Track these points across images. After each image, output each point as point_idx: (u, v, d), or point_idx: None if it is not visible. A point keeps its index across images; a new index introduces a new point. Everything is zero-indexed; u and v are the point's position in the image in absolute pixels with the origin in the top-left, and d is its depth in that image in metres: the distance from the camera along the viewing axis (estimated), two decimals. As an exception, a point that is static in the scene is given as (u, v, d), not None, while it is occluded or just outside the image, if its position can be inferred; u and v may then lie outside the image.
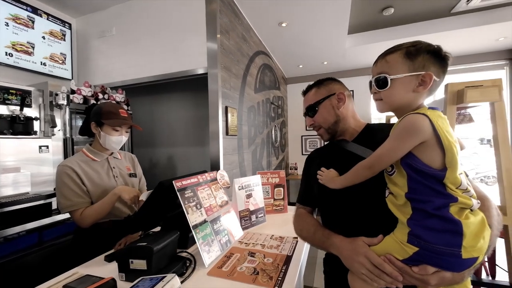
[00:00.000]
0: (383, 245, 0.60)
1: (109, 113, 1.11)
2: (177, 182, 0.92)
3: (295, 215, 0.92)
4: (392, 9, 2.76)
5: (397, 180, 0.58)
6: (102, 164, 1.16)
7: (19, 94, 1.57)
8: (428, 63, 0.56)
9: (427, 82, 0.56)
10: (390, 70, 0.59)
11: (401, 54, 0.58)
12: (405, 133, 0.55)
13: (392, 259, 0.56)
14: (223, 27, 2.06)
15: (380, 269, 0.57)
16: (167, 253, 0.84)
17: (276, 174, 1.56)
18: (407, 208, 0.56)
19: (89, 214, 1.04)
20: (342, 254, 0.66)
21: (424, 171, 0.53)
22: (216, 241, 0.97)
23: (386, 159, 0.58)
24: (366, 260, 0.59)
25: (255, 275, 0.80)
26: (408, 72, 0.57)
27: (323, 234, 0.74)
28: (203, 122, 2.90)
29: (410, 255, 0.54)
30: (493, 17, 2.80)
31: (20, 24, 2.10)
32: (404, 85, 0.58)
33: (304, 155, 4.87)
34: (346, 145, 0.80)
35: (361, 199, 0.70)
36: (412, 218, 0.54)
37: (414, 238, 0.53)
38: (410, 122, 0.54)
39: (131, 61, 2.34)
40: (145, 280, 0.68)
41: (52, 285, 0.79)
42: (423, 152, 0.54)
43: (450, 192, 0.52)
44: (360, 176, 0.64)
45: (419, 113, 0.54)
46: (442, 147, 0.52)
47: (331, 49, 3.46)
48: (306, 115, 0.88)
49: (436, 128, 0.52)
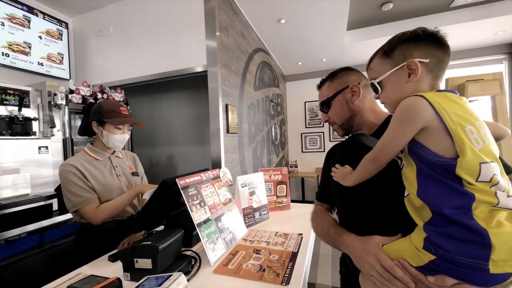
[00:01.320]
0: (396, 248, 0.55)
1: (111, 112, 1.10)
2: (181, 180, 0.91)
3: (313, 212, 0.90)
4: (391, 4, 2.74)
5: (407, 174, 0.53)
6: (105, 163, 1.15)
7: (17, 94, 1.55)
8: (408, 52, 0.54)
9: (414, 69, 0.53)
10: (376, 75, 0.60)
11: (379, 56, 0.60)
12: (401, 118, 0.51)
13: (405, 264, 0.51)
14: (222, 24, 2.04)
15: (390, 273, 0.53)
16: (172, 252, 0.84)
17: (279, 171, 1.55)
18: (426, 210, 0.49)
19: (105, 209, 1.02)
20: (352, 253, 0.63)
21: (433, 162, 0.47)
22: (221, 239, 0.96)
23: (388, 150, 0.54)
24: (376, 262, 0.55)
25: (261, 272, 0.79)
26: (390, 69, 0.56)
27: (335, 231, 0.72)
28: (203, 121, 2.89)
29: (426, 263, 0.48)
30: (492, 11, 2.80)
31: (16, 23, 2.08)
32: (394, 82, 0.57)
33: (304, 152, 4.87)
34: (364, 139, 0.75)
35: (376, 197, 0.66)
36: (430, 223, 0.48)
37: (431, 245, 0.47)
38: (404, 106, 0.50)
39: (129, 60, 2.32)
40: (151, 279, 0.67)
41: (56, 286, 0.78)
42: (429, 140, 0.48)
43: (468, 188, 0.44)
44: (366, 171, 0.60)
45: (416, 95, 0.50)
46: (449, 132, 0.46)
47: (330, 45, 3.45)
48: (321, 110, 0.85)
49: (437, 110, 0.46)
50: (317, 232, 0.83)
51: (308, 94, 4.77)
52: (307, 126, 4.83)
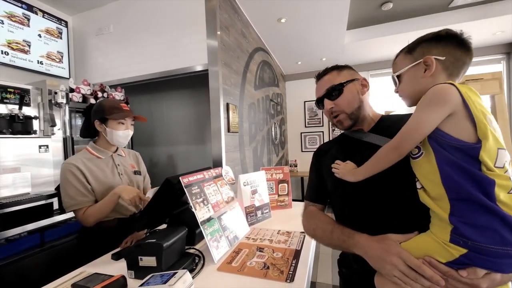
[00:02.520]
0: (419, 245, 0.53)
1: (112, 108, 1.10)
2: (184, 178, 0.91)
3: (305, 213, 0.85)
4: (391, 4, 2.75)
5: (425, 164, 0.53)
6: (107, 161, 1.15)
7: (17, 93, 1.54)
8: (427, 49, 0.58)
9: (430, 65, 0.57)
10: (397, 69, 0.64)
11: (403, 52, 0.64)
12: (432, 102, 0.51)
13: (433, 262, 0.50)
14: (223, 23, 2.04)
15: (417, 272, 0.50)
16: (176, 250, 0.84)
17: (280, 170, 1.56)
18: (444, 201, 0.49)
19: (91, 213, 1.03)
20: (369, 254, 0.59)
21: (456, 146, 0.48)
22: (224, 237, 0.96)
23: (415, 135, 0.53)
24: (400, 261, 0.52)
25: (265, 270, 0.79)
26: (410, 64, 0.60)
27: (342, 232, 0.67)
28: (203, 120, 2.89)
29: (457, 257, 0.47)
30: (491, 11, 2.81)
31: (16, 22, 2.06)
32: (410, 76, 0.61)
33: (303, 152, 4.87)
34: (363, 135, 0.76)
35: (383, 192, 0.65)
36: (454, 214, 0.48)
37: (459, 237, 0.47)
38: (437, 91, 0.51)
39: (130, 59, 2.31)
40: (156, 277, 0.67)
41: (59, 285, 0.77)
42: (452, 125, 0.49)
43: (487, 173, 0.46)
44: (386, 160, 0.58)
45: (446, 82, 0.52)
46: (473, 119, 0.47)
47: (330, 45, 3.46)
48: (325, 97, 0.78)
49: (464, 98, 0.48)
50: (315, 234, 0.78)
51: (307, 93, 4.77)
52: (307, 125, 4.84)
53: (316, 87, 0.83)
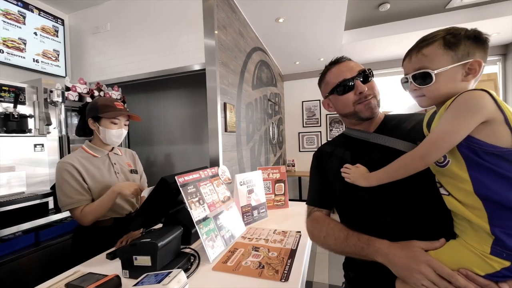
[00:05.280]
0: (452, 255, 0.50)
1: (105, 106, 1.09)
2: (180, 178, 0.91)
3: (311, 219, 0.79)
4: (388, 5, 2.77)
5: (454, 172, 0.50)
6: (103, 160, 1.14)
7: (12, 91, 1.53)
8: (472, 50, 0.51)
9: (476, 70, 0.51)
10: (431, 64, 0.54)
11: (439, 45, 0.53)
12: (466, 110, 0.48)
13: (470, 274, 0.47)
14: (221, 22, 2.04)
15: (448, 281, 0.48)
16: (171, 249, 0.84)
17: (277, 170, 1.56)
18: (480, 209, 0.46)
19: (89, 212, 1.02)
20: (393, 262, 0.55)
21: (493, 152, 0.46)
22: (220, 236, 0.96)
23: (445, 144, 0.49)
24: (430, 270, 0.49)
25: (260, 269, 0.80)
26: (453, 63, 0.52)
27: (359, 239, 0.62)
28: (201, 119, 2.88)
29: (498, 270, 0.44)
30: (487, 13, 2.84)
31: (11, 19, 2.04)
32: (449, 77, 0.53)
33: (301, 152, 4.88)
34: (370, 136, 0.71)
35: (401, 197, 0.61)
36: (495, 224, 0.45)
37: (502, 250, 0.44)
38: (470, 98, 0.48)
39: (127, 58, 2.30)
40: (150, 276, 0.67)
41: (53, 284, 0.77)
42: (485, 132, 0.47)
43: None
44: (410, 168, 0.55)
45: (477, 89, 0.49)
46: (508, 124, 0.46)
47: (328, 45, 3.47)
48: (358, 78, 0.73)
49: (500, 104, 0.46)
50: (326, 242, 0.71)
51: (306, 93, 4.79)
52: (305, 125, 4.85)
53: (338, 70, 0.77)
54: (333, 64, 0.79)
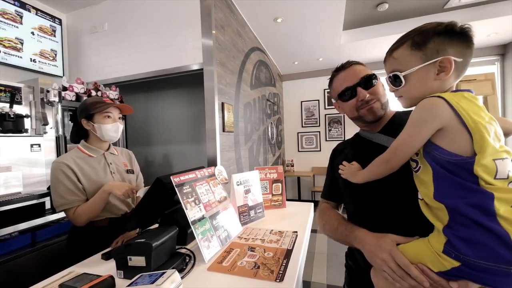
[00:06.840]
0: (414, 251, 0.53)
1: (95, 103, 1.09)
2: (175, 178, 0.91)
3: (319, 209, 0.89)
4: (386, 5, 2.77)
5: (423, 177, 0.51)
6: (99, 160, 1.14)
7: (8, 91, 1.52)
8: (442, 46, 0.50)
9: (447, 67, 0.50)
10: (401, 66, 0.55)
11: (407, 46, 0.54)
12: (419, 119, 0.50)
13: (425, 269, 0.49)
14: (218, 22, 2.04)
15: (404, 271, 0.52)
16: (166, 249, 0.83)
17: (274, 170, 1.55)
18: (443, 212, 0.48)
19: (82, 212, 1.01)
20: (364, 248, 0.62)
21: (450, 161, 0.46)
22: (216, 236, 0.96)
23: (403, 152, 0.52)
24: (389, 258, 0.54)
25: (256, 269, 0.79)
26: (421, 63, 0.51)
27: (346, 227, 0.71)
28: (199, 119, 2.88)
29: (448, 269, 0.46)
30: (485, 13, 2.84)
31: (8, 19, 2.04)
32: (421, 77, 0.52)
33: (300, 152, 4.88)
34: (373, 136, 0.75)
35: (388, 195, 0.65)
36: (450, 226, 0.46)
37: (451, 250, 0.46)
38: (423, 107, 0.49)
39: (124, 58, 2.29)
40: (144, 277, 0.67)
41: (47, 285, 0.76)
42: (446, 140, 0.47)
43: (485, 187, 0.43)
44: (377, 171, 0.58)
45: (435, 96, 0.49)
46: (466, 127, 0.45)
47: (326, 45, 3.47)
48: (360, 86, 0.74)
49: (456, 110, 0.46)
50: (325, 229, 0.81)
51: (304, 93, 4.79)
52: (303, 125, 4.85)
53: (342, 77, 0.79)
54: (338, 70, 0.82)
